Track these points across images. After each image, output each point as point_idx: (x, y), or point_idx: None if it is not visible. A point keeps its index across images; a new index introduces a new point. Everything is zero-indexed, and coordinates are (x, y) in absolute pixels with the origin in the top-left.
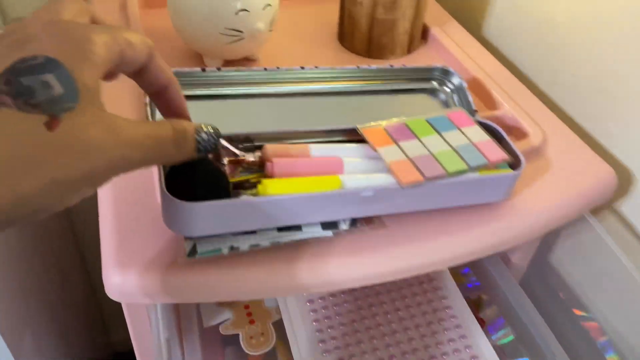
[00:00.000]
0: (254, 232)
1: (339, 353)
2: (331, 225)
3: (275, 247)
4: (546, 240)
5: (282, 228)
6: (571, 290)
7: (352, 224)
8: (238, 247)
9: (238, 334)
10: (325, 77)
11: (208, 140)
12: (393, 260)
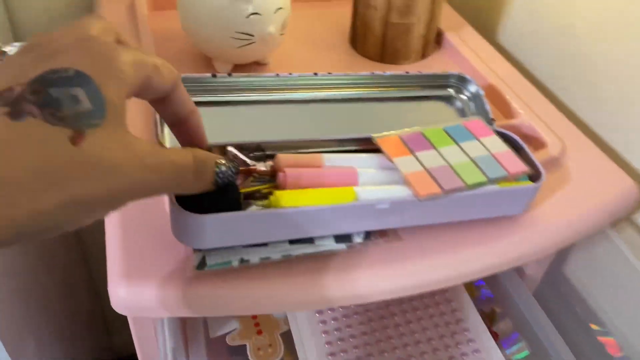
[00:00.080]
0: (265, 245)
1: None
2: (345, 238)
3: (286, 260)
4: (561, 251)
5: (294, 240)
6: (587, 303)
7: (366, 237)
8: (248, 260)
9: (245, 345)
10: (338, 84)
11: (226, 172)
12: (408, 275)
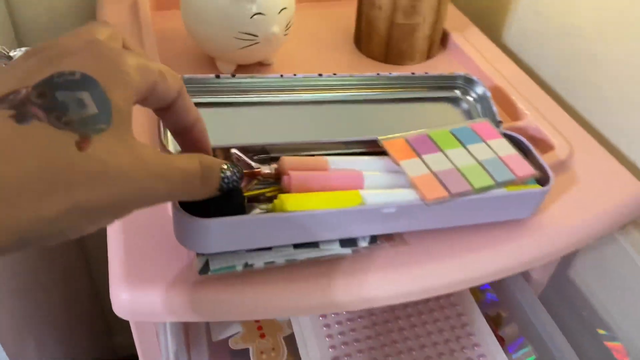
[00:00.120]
0: (269, 249)
1: None
2: (350, 242)
3: (290, 265)
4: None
5: (299, 245)
6: (593, 307)
7: (372, 241)
8: (252, 264)
9: (248, 349)
10: (343, 85)
11: (231, 177)
12: (415, 279)
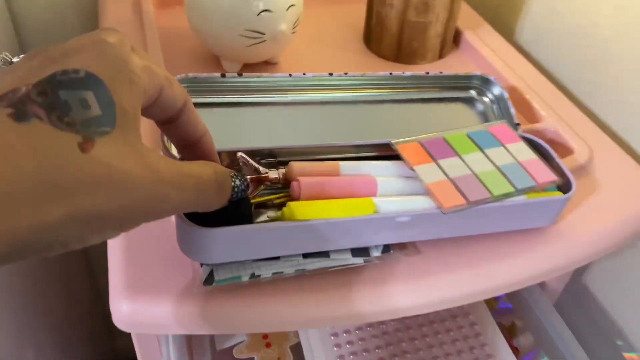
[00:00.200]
0: (277, 259)
1: None
2: (362, 251)
3: (300, 276)
4: None
5: (308, 254)
6: (610, 316)
7: (385, 250)
8: (259, 275)
9: (253, 358)
10: (354, 85)
11: (240, 186)
12: (431, 290)
